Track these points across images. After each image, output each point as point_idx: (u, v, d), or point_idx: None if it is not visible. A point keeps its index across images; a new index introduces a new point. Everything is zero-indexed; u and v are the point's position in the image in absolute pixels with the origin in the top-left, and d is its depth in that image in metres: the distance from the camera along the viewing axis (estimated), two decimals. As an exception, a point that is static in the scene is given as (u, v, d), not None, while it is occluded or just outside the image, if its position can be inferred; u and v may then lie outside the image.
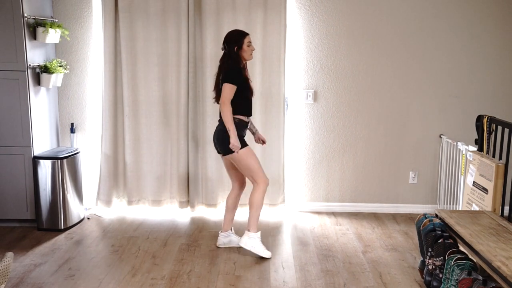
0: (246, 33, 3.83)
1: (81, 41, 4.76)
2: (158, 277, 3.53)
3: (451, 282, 2.95)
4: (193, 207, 4.87)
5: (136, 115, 4.78)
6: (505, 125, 3.60)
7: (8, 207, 4.43)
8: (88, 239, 4.23)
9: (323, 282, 3.47)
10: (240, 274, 3.59)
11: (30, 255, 3.89)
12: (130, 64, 4.70)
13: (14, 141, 4.34)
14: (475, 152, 3.84)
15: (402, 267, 3.71)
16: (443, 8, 4.69)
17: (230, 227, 4.05)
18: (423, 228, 3.36)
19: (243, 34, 3.80)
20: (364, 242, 4.21)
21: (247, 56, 3.79)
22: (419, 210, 4.93)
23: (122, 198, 4.94)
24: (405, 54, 4.76)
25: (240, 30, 3.88)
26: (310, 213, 4.93)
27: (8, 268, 2.31)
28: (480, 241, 2.90)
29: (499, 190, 3.47)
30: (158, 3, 4.61)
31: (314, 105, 4.84)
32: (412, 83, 4.80)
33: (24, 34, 4.20)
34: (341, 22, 4.72)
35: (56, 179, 4.36)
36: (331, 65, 4.78)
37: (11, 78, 4.25)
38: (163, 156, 4.84)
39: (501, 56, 4.74)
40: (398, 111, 4.84)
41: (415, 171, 4.92)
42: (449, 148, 4.64)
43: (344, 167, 4.93)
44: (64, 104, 4.85)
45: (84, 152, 4.87)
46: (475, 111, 4.60)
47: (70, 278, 3.51)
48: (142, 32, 4.65)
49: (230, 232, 4.05)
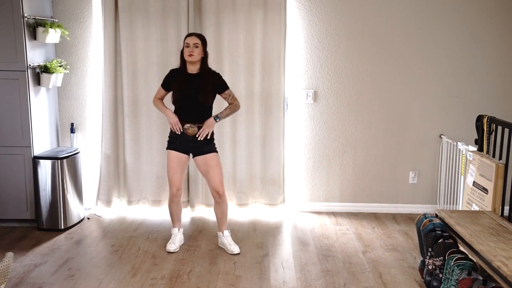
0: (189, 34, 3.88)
1: (81, 41, 4.76)
2: (158, 277, 3.53)
3: (451, 282, 2.95)
4: (193, 207, 4.87)
5: (136, 115, 4.77)
6: (505, 125, 3.60)
7: (8, 207, 4.43)
8: (88, 239, 4.23)
9: (323, 282, 3.47)
10: (240, 274, 3.59)
11: (30, 255, 3.89)
12: (130, 64, 4.69)
13: (14, 141, 4.34)
14: (475, 152, 3.84)
15: (402, 267, 3.71)
16: (443, 8, 4.69)
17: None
18: (423, 228, 3.36)
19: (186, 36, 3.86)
20: (364, 242, 4.21)
21: (185, 57, 3.80)
22: (419, 210, 4.93)
23: (122, 198, 4.94)
24: (405, 54, 4.76)
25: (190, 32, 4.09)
26: (310, 213, 4.93)
27: (8, 268, 2.31)
28: (480, 241, 2.90)
29: (499, 190, 3.47)
30: (158, 3, 4.61)
31: (314, 105, 4.84)
32: (412, 83, 4.80)
33: (24, 34, 4.20)
34: (341, 22, 4.72)
35: (56, 179, 4.36)
36: (331, 65, 4.78)
37: (11, 78, 4.25)
38: (163, 156, 4.83)
39: (501, 56, 4.74)
40: (398, 111, 4.84)
41: (415, 171, 4.92)
42: (449, 148, 4.64)
43: (344, 167, 4.93)
44: (64, 104, 4.85)
45: (84, 152, 4.87)
46: (475, 111, 4.60)
47: (70, 278, 3.51)
48: (142, 32, 4.65)
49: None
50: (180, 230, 4.11)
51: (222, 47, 4.66)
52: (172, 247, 3.97)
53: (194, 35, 3.82)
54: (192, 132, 3.81)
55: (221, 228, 4.05)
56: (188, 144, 3.86)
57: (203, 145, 3.86)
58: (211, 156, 3.88)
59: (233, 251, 3.93)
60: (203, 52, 3.81)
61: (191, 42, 3.76)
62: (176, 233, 4.06)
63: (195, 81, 3.80)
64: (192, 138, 3.83)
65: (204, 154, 3.87)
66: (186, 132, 3.82)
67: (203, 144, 3.86)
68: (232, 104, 3.92)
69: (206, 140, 3.87)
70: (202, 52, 3.81)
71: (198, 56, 3.78)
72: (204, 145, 3.87)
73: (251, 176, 4.86)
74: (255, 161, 4.83)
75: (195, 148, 3.87)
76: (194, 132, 3.81)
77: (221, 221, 4.04)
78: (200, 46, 3.78)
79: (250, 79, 4.70)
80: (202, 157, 3.88)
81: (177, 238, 4.04)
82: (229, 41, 4.65)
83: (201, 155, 3.87)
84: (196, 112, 3.82)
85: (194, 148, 3.88)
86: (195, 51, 3.76)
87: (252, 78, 4.69)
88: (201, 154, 3.88)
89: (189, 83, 3.81)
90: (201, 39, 3.81)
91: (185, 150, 3.89)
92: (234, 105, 3.92)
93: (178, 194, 3.97)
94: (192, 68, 3.83)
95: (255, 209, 4.93)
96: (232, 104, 3.92)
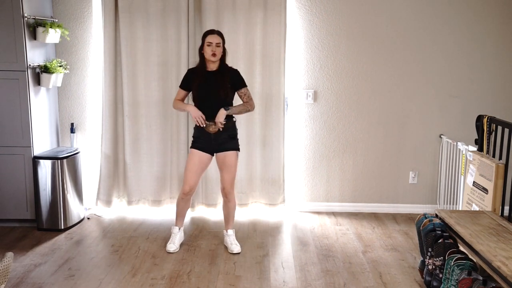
0: (210, 31, 3.81)
1: (81, 41, 4.76)
2: (158, 277, 3.53)
3: (451, 282, 2.95)
4: (193, 207, 4.87)
5: (136, 115, 4.77)
6: (505, 125, 3.60)
7: (8, 207, 4.43)
8: (88, 239, 4.23)
9: (323, 282, 3.47)
10: (240, 274, 3.59)
11: (30, 255, 3.89)
12: (130, 64, 4.69)
13: (14, 141, 4.34)
14: (475, 152, 3.84)
15: (402, 267, 3.71)
16: (443, 8, 4.69)
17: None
18: (423, 228, 3.36)
19: (206, 33, 3.80)
20: (364, 242, 4.21)
21: (207, 56, 3.77)
22: (419, 210, 4.93)
23: (122, 198, 4.94)
24: (405, 54, 4.76)
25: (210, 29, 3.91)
26: (310, 213, 4.93)
27: (8, 268, 2.31)
28: (480, 241, 2.90)
29: (499, 190, 3.47)
30: (158, 3, 4.61)
31: (314, 105, 4.84)
32: (412, 83, 4.80)
33: (24, 34, 4.20)
34: (341, 22, 4.72)
35: (56, 179, 4.36)
36: (331, 65, 4.78)
37: (11, 78, 4.25)
38: (163, 156, 4.84)
39: (501, 56, 4.74)
40: (398, 111, 4.84)
41: (415, 171, 4.92)
42: (449, 148, 4.64)
43: (344, 167, 4.93)
44: (64, 104, 4.85)
45: (84, 152, 4.87)
46: (475, 111, 4.60)
47: (70, 278, 3.51)
48: (142, 32, 4.65)
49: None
50: (181, 229, 4.10)
51: (222, 47, 4.66)
52: (171, 247, 3.96)
53: (216, 33, 3.78)
54: (214, 130, 3.80)
55: (226, 226, 4.07)
56: (211, 142, 3.85)
57: (226, 142, 3.86)
58: (230, 154, 3.88)
59: (233, 250, 3.93)
60: (223, 50, 3.82)
61: (214, 42, 3.74)
62: (176, 232, 4.05)
63: (214, 78, 3.80)
64: (213, 135, 3.82)
65: (225, 151, 3.87)
66: (208, 130, 3.81)
67: (226, 141, 3.86)
68: (246, 103, 3.91)
69: (229, 136, 3.87)
70: (222, 50, 3.81)
71: (219, 55, 3.78)
72: (227, 141, 3.86)
73: (251, 176, 4.86)
74: (255, 161, 4.83)
75: (218, 145, 3.87)
76: (215, 129, 3.80)
77: (226, 220, 4.06)
78: (222, 45, 3.79)
79: (250, 79, 4.69)
80: (223, 153, 3.87)
81: (177, 237, 4.03)
82: (229, 41, 4.63)
83: (223, 151, 3.87)
84: (217, 108, 3.78)
85: (217, 146, 3.87)
86: (218, 50, 3.75)
87: (252, 78, 4.69)
88: (222, 151, 3.87)
89: (209, 80, 3.80)
90: (222, 38, 3.80)
91: (209, 150, 3.88)
92: (248, 104, 3.91)
93: (190, 193, 3.94)
94: (211, 66, 3.82)
95: (255, 209, 4.93)
96: (247, 103, 3.91)
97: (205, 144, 3.86)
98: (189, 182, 3.89)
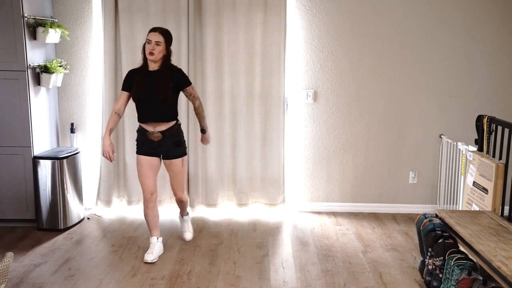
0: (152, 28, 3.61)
1: (81, 41, 4.76)
2: (158, 277, 3.53)
3: (451, 282, 2.95)
4: (193, 207, 4.87)
5: (136, 115, 4.76)
6: (505, 125, 3.60)
7: (8, 207, 4.43)
8: (88, 239, 4.23)
9: (323, 282, 3.47)
10: (240, 274, 3.59)
11: (30, 255, 3.89)
12: (130, 64, 4.68)
13: (14, 141, 4.34)
14: (475, 152, 3.84)
15: (402, 267, 3.71)
16: (443, 8, 4.69)
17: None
18: (423, 228, 3.36)
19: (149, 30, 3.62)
20: (364, 242, 4.21)
21: (146, 54, 3.58)
22: (419, 210, 4.93)
23: (122, 198, 4.94)
24: (405, 54, 4.76)
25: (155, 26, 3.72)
26: (310, 213, 4.93)
27: (8, 268, 2.31)
28: (480, 241, 2.90)
29: (499, 190, 3.47)
30: (158, 3, 4.61)
31: (314, 105, 4.84)
32: (412, 83, 4.80)
33: (24, 34, 4.20)
34: (341, 22, 4.72)
35: (56, 179, 4.36)
36: (331, 65, 4.78)
37: (11, 78, 4.25)
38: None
39: (501, 56, 4.74)
40: (398, 111, 4.85)
41: (415, 171, 4.92)
42: (449, 148, 4.64)
43: (344, 167, 4.93)
44: (64, 104, 4.85)
45: (84, 152, 4.87)
46: (475, 111, 4.60)
47: (70, 278, 3.51)
48: (142, 32, 4.64)
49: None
50: (159, 239, 3.89)
51: (222, 47, 4.66)
52: (149, 257, 3.74)
53: (158, 31, 3.56)
54: (157, 138, 3.68)
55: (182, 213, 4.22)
56: (155, 149, 3.72)
57: (170, 149, 3.74)
58: (175, 162, 3.77)
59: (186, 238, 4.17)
60: (165, 50, 3.59)
61: (154, 40, 3.52)
62: (154, 243, 3.83)
63: (155, 78, 3.59)
64: (157, 143, 3.69)
65: (169, 159, 3.77)
66: (150, 137, 3.68)
67: (170, 148, 3.73)
68: (197, 108, 3.79)
69: (174, 143, 3.74)
70: (165, 50, 3.59)
71: (159, 55, 3.56)
72: (171, 149, 3.74)
73: (251, 176, 4.86)
74: (255, 161, 4.83)
75: (163, 152, 3.75)
76: (158, 137, 3.67)
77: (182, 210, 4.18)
78: (163, 44, 3.55)
79: (250, 79, 4.70)
80: (168, 161, 3.79)
81: (155, 248, 3.82)
82: (229, 41, 4.65)
83: (168, 159, 3.78)
84: (158, 111, 3.62)
85: (162, 152, 3.75)
86: (156, 50, 3.53)
87: (252, 78, 4.69)
88: (167, 159, 3.78)
89: (149, 80, 3.60)
90: (164, 36, 3.57)
91: (155, 153, 3.74)
92: (199, 110, 3.80)
93: (153, 198, 3.78)
94: (153, 65, 3.62)
95: (255, 209, 4.93)
96: (198, 108, 3.79)
97: (150, 149, 3.72)
98: (148, 187, 3.75)
